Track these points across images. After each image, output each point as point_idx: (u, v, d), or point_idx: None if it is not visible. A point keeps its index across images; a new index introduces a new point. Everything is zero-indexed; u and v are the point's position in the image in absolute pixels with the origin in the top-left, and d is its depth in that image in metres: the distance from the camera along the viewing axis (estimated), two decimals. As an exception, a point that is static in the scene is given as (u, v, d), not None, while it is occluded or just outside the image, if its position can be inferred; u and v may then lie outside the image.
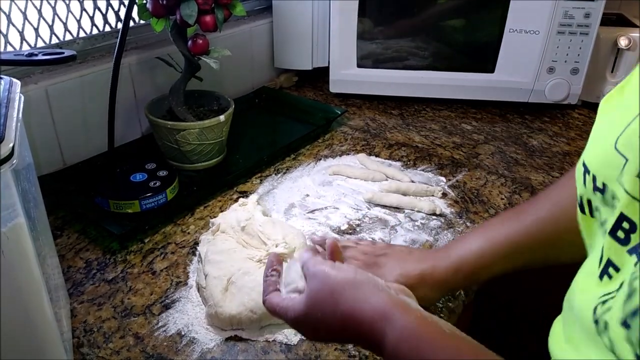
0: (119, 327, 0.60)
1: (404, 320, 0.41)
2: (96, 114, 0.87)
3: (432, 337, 0.40)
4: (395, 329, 0.41)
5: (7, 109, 0.44)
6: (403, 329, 0.41)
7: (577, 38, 1.03)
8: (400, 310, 0.42)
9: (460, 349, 0.40)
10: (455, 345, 0.40)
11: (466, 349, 0.40)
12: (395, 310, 0.42)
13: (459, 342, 0.41)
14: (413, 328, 0.41)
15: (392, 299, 0.43)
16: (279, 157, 0.94)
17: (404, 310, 0.42)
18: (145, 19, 0.81)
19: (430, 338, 0.40)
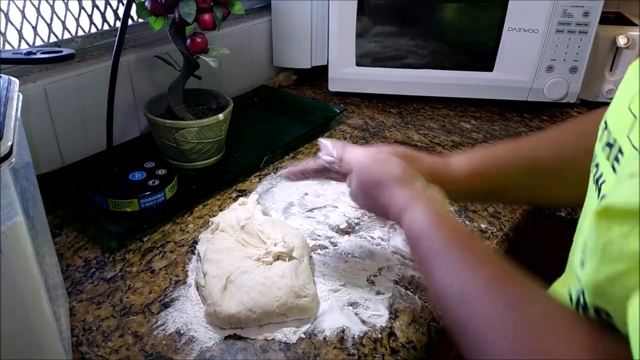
0: (118, 325, 0.60)
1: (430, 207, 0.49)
2: (95, 113, 0.87)
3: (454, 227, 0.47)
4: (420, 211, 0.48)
5: (6, 107, 0.44)
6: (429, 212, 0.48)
7: (575, 37, 1.03)
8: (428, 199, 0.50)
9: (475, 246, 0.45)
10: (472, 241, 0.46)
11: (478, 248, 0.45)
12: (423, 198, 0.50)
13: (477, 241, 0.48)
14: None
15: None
16: (278, 155, 0.94)
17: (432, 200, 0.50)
18: (144, 17, 0.81)
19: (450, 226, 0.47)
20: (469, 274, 0.42)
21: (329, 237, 0.74)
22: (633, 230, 0.29)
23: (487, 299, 0.39)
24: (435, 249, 0.45)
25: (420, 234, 0.47)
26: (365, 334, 0.59)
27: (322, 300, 0.63)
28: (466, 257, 0.43)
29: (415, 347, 0.58)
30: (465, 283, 0.41)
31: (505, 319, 0.37)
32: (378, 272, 0.68)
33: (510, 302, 0.38)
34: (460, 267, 0.43)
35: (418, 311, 0.62)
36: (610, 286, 0.32)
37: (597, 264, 0.33)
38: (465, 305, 0.40)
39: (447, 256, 0.44)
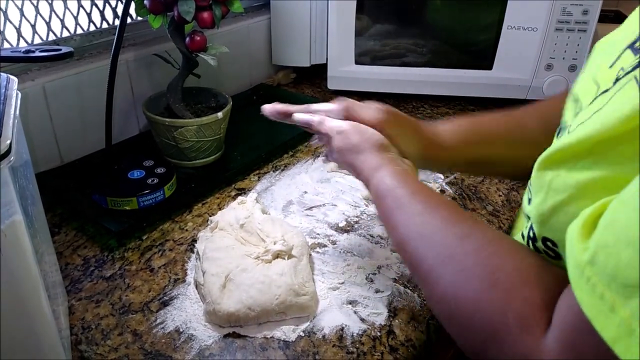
0: (117, 324, 0.60)
1: (392, 170, 0.54)
2: (94, 111, 0.87)
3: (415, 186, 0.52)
4: (385, 173, 0.54)
5: (4, 105, 0.44)
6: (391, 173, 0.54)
7: (575, 35, 1.03)
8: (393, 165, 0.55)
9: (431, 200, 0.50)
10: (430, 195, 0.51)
11: (439, 203, 0.49)
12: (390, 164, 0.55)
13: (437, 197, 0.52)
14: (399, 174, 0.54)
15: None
16: (277, 154, 0.94)
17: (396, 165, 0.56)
18: (143, 15, 0.81)
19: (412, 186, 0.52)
20: (427, 216, 0.47)
21: (328, 235, 0.74)
22: (577, 165, 0.34)
23: (441, 234, 0.45)
24: (399, 201, 0.50)
25: (387, 190, 0.52)
26: (364, 332, 0.59)
27: (321, 298, 0.63)
28: (425, 204, 0.49)
29: (414, 345, 0.58)
30: (423, 224, 0.47)
31: (456, 247, 0.42)
32: (377, 271, 0.68)
33: (461, 233, 0.43)
34: (420, 212, 0.48)
35: (417, 309, 0.62)
36: (555, 215, 0.37)
37: (543, 197, 0.38)
38: (422, 243, 0.45)
39: (409, 204, 0.49)
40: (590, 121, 0.35)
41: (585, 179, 0.34)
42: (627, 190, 0.29)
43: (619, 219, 0.28)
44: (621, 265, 0.27)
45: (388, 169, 0.54)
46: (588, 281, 0.29)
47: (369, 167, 0.56)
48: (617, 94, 0.34)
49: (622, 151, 0.32)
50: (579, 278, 0.30)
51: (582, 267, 0.30)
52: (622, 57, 0.38)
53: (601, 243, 0.29)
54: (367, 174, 0.56)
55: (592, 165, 0.33)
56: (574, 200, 0.35)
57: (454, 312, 0.40)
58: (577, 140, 0.35)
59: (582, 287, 0.29)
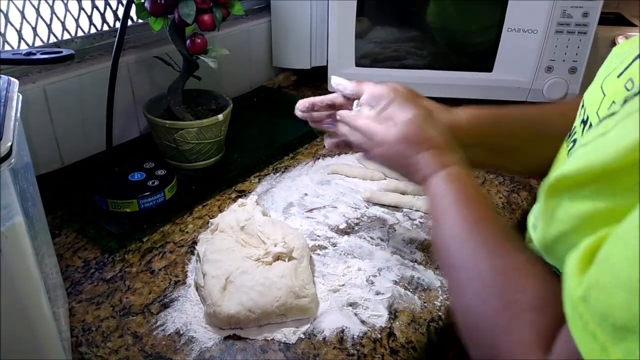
0: (118, 326, 0.60)
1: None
2: (94, 113, 0.87)
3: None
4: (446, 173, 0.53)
5: (5, 108, 0.44)
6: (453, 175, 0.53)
7: (575, 37, 1.03)
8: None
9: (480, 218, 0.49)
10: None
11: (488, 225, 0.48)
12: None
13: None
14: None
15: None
16: (277, 156, 0.94)
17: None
18: (144, 18, 0.81)
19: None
20: (475, 227, 0.47)
21: (328, 237, 0.74)
22: (580, 193, 0.34)
23: (479, 251, 0.44)
24: (447, 206, 0.50)
25: (445, 194, 0.51)
26: (364, 334, 0.59)
27: (322, 300, 0.63)
28: (474, 216, 0.48)
29: (415, 348, 0.58)
30: (469, 236, 0.46)
31: (486, 263, 0.43)
32: (378, 273, 0.68)
33: (494, 252, 0.44)
34: (469, 222, 0.48)
35: (417, 311, 0.62)
36: (558, 245, 0.37)
37: (546, 226, 0.38)
38: (462, 252, 0.46)
39: (460, 213, 0.49)
40: (594, 147, 0.34)
41: (587, 210, 0.33)
42: (624, 224, 0.28)
43: (613, 256, 0.28)
44: (613, 306, 0.26)
45: (450, 170, 0.53)
46: (581, 318, 0.28)
47: (429, 165, 0.54)
48: (622, 121, 0.33)
49: (625, 183, 0.31)
50: (573, 313, 0.29)
51: (575, 302, 0.29)
52: (631, 67, 0.38)
53: (594, 280, 0.28)
54: (426, 172, 0.54)
55: (594, 195, 0.33)
56: (576, 231, 0.34)
57: (472, 325, 0.41)
58: (580, 168, 0.34)
59: (575, 323, 0.29)
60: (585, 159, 0.34)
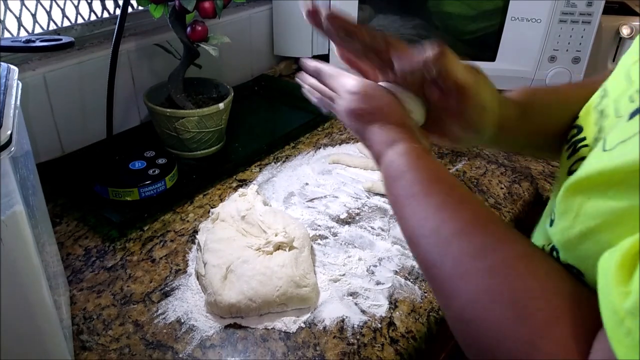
0: (119, 314, 0.60)
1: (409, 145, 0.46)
2: (95, 101, 0.87)
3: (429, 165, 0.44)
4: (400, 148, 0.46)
5: (5, 96, 0.43)
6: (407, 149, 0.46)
7: (579, 27, 1.02)
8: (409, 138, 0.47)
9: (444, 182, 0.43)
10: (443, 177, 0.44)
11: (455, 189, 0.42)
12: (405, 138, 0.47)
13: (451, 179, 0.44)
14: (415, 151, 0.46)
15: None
16: (278, 145, 0.94)
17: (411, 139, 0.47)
18: (144, 5, 0.81)
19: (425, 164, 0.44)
20: (446, 214, 0.40)
21: (329, 227, 0.74)
22: (609, 191, 0.30)
23: (461, 240, 0.37)
24: (415, 188, 0.43)
25: (401, 172, 0.44)
26: (364, 323, 0.59)
27: (322, 290, 0.63)
28: (445, 197, 0.41)
29: (415, 337, 0.58)
30: (442, 223, 0.39)
31: (478, 260, 0.36)
32: (378, 263, 0.68)
33: (485, 244, 0.36)
34: (439, 206, 0.41)
35: (418, 301, 0.62)
36: (583, 243, 0.32)
37: (571, 222, 0.33)
38: (438, 245, 0.38)
39: (426, 194, 0.42)
40: (633, 143, 0.31)
41: (622, 207, 0.29)
42: None
43: None
44: None
45: (405, 145, 0.46)
46: (628, 334, 0.25)
47: (382, 140, 0.48)
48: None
49: None
50: (617, 327, 0.26)
51: (621, 316, 0.25)
52: None
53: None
54: (379, 148, 0.48)
55: (628, 194, 0.29)
56: (608, 228, 0.30)
57: (471, 334, 0.35)
58: (611, 168, 0.31)
59: (620, 339, 0.25)
60: (618, 159, 0.30)
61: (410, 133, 0.47)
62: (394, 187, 0.45)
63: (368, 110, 0.49)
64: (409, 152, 0.45)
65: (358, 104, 0.49)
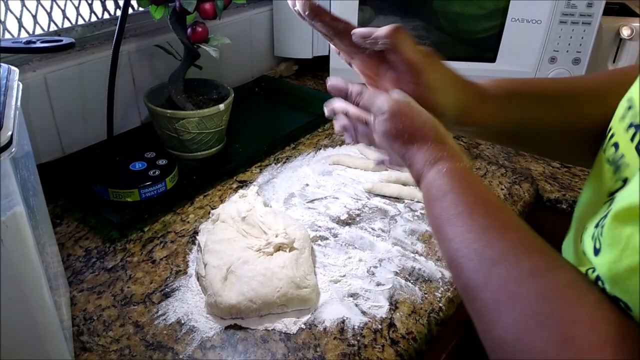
0: (119, 315, 0.60)
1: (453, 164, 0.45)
2: (95, 102, 0.87)
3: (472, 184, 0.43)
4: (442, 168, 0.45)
5: (6, 97, 0.43)
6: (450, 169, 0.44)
7: (579, 28, 1.02)
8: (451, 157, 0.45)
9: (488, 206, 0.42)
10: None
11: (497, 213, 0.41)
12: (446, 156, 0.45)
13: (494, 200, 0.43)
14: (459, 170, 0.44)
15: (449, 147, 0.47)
16: (278, 146, 0.94)
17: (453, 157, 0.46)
18: (144, 6, 0.81)
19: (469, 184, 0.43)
20: (491, 235, 0.39)
21: (329, 228, 0.74)
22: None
23: (508, 263, 0.36)
24: (459, 208, 0.42)
25: (444, 192, 0.43)
26: (365, 324, 0.59)
27: (323, 291, 0.63)
28: (490, 219, 0.40)
29: (415, 339, 0.58)
30: (487, 245, 0.38)
31: (526, 284, 0.35)
32: (378, 264, 0.68)
33: (534, 268, 0.35)
34: (484, 227, 0.39)
35: (418, 302, 0.62)
36: (632, 277, 0.31)
37: (618, 255, 0.32)
38: (483, 267, 0.37)
39: (471, 215, 0.41)
40: None
41: None
42: None
43: None
44: None
45: (446, 164, 0.44)
46: None
47: (422, 159, 0.46)
48: None
49: None
50: None
51: None
52: None
53: None
54: (419, 167, 0.46)
55: None
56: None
57: (513, 358, 0.34)
58: None
59: None
60: None
61: (452, 151, 0.46)
62: (435, 208, 0.44)
63: (403, 129, 0.47)
64: (451, 171, 0.44)
65: (392, 124, 0.47)
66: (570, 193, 0.85)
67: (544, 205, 0.87)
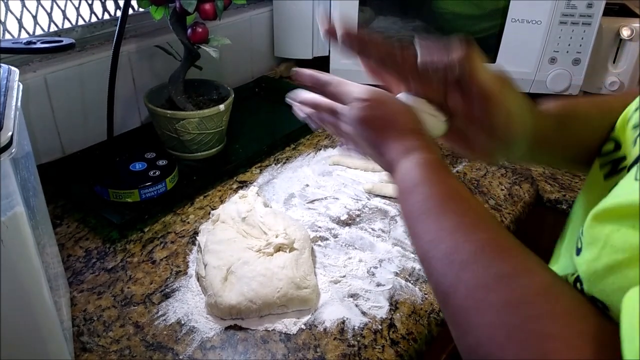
0: (119, 316, 0.60)
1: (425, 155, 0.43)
2: (95, 103, 0.87)
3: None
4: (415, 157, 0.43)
5: (6, 97, 0.43)
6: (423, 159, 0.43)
7: (579, 28, 1.02)
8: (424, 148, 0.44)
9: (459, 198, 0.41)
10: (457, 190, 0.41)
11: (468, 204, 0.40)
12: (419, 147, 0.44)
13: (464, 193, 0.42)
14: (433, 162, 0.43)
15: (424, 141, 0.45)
16: (278, 147, 0.94)
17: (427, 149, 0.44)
18: (145, 6, 0.81)
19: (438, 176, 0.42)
20: (460, 236, 0.37)
21: (329, 228, 0.74)
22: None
23: (476, 267, 0.35)
24: (428, 204, 0.40)
25: (415, 184, 0.42)
26: (365, 325, 0.59)
27: (323, 291, 0.63)
28: (461, 217, 0.38)
29: (415, 339, 0.58)
30: (455, 246, 0.36)
31: (495, 291, 0.33)
32: (378, 264, 0.68)
33: (503, 273, 0.34)
34: (453, 227, 0.38)
35: (418, 303, 0.62)
36: (610, 276, 0.30)
37: (597, 253, 0.31)
38: (451, 271, 0.36)
39: (439, 213, 0.39)
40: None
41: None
42: None
43: None
44: None
45: (420, 155, 0.43)
46: None
47: (396, 148, 0.44)
48: None
49: None
50: None
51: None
52: None
53: None
54: (392, 156, 0.45)
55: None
56: (636, 263, 0.28)
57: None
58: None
59: None
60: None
61: (426, 142, 0.45)
62: (407, 201, 0.42)
63: (380, 117, 0.46)
64: (424, 163, 0.43)
65: (370, 111, 0.46)
66: (570, 193, 0.85)
67: (544, 205, 0.87)
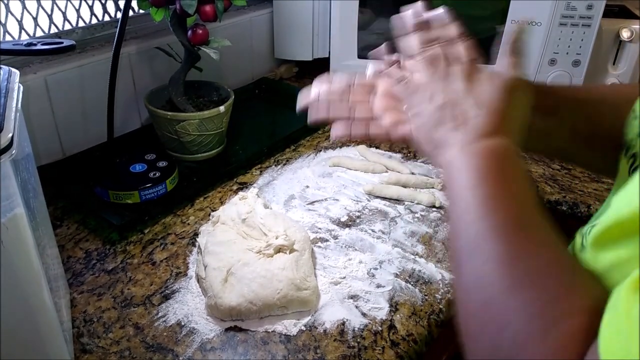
0: (119, 317, 0.60)
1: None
2: (95, 104, 0.87)
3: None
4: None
5: (6, 98, 0.43)
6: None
7: (579, 30, 1.02)
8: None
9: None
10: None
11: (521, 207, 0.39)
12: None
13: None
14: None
15: None
16: (279, 148, 0.94)
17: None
18: (145, 8, 0.81)
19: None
20: (486, 210, 0.36)
21: (329, 230, 0.74)
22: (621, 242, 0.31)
23: (491, 246, 0.34)
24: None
25: (473, 185, 0.39)
26: (365, 326, 0.59)
27: (323, 292, 0.63)
28: (492, 194, 0.37)
29: (415, 340, 0.58)
30: (482, 219, 0.36)
31: (507, 266, 0.33)
32: (378, 265, 0.68)
33: (520, 247, 0.34)
34: (482, 204, 0.37)
35: (418, 304, 0.62)
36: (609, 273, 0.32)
37: (595, 254, 0.33)
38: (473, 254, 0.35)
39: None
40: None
41: (626, 255, 0.30)
42: None
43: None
44: None
45: (494, 142, 0.40)
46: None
47: (468, 130, 0.42)
48: None
49: None
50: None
51: None
52: None
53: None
54: (447, 142, 0.42)
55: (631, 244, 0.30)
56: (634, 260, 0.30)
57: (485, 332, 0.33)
58: (615, 220, 0.31)
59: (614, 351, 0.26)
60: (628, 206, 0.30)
61: (508, 127, 0.43)
62: (456, 207, 0.39)
63: (474, 78, 0.46)
64: (490, 155, 0.40)
65: (469, 70, 0.47)
66: (570, 195, 0.85)
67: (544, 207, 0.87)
